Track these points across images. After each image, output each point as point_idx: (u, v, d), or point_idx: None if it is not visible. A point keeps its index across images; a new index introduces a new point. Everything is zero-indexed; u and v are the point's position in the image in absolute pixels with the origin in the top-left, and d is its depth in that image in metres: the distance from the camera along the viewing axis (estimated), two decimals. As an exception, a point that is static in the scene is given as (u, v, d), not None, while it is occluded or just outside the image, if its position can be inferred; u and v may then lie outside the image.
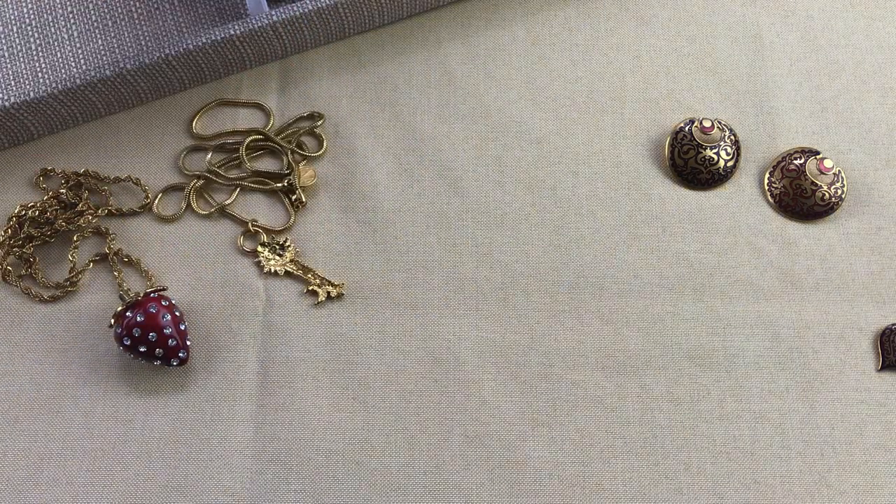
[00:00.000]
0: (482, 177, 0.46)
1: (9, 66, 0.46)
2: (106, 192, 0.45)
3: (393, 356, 0.43)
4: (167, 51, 0.44)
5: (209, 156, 0.46)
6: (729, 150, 0.46)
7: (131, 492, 0.40)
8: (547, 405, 0.42)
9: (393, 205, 0.46)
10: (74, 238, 0.44)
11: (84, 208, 0.45)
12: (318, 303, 0.43)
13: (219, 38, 0.44)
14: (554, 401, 0.42)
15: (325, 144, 0.46)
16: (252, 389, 0.42)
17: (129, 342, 0.40)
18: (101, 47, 0.47)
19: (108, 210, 0.45)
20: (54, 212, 0.44)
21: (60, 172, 0.45)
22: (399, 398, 0.42)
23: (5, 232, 0.44)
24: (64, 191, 0.45)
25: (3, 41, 0.47)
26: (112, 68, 0.44)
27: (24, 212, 0.44)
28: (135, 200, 0.45)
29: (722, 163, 0.46)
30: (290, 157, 0.46)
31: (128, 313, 0.41)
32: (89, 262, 0.44)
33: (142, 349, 0.40)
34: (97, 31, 0.47)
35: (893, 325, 0.43)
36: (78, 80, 0.43)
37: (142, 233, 0.45)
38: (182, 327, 0.41)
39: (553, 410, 0.42)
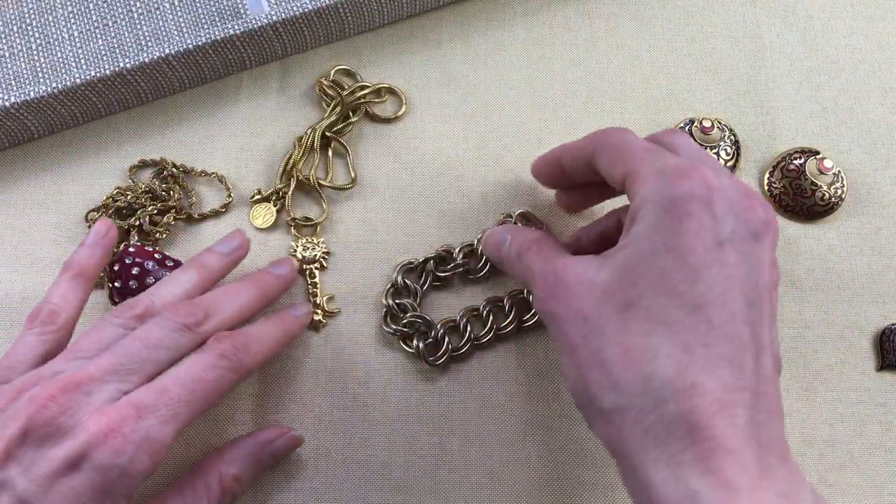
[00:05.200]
0: (482, 177, 0.46)
1: (9, 65, 0.47)
2: (192, 193, 0.45)
3: (393, 355, 0.43)
4: (167, 51, 0.44)
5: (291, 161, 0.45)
6: (729, 150, 0.46)
7: (131, 492, 0.40)
8: (547, 405, 0.42)
9: (393, 204, 0.46)
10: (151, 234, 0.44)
11: (173, 205, 0.44)
12: (316, 322, 0.43)
13: (219, 37, 0.44)
14: (554, 401, 0.42)
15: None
16: (252, 389, 0.42)
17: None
18: (101, 47, 0.47)
19: (188, 214, 0.45)
20: (142, 205, 0.44)
21: (159, 161, 0.45)
22: (399, 397, 0.42)
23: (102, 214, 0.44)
24: (157, 183, 0.45)
25: (3, 41, 0.47)
26: (112, 68, 0.44)
27: (118, 198, 0.44)
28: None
29: (722, 163, 0.46)
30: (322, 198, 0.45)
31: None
32: None
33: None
34: (97, 31, 0.47)
35: (893, 325, 0.43)
36: (78, 80, 0.43)
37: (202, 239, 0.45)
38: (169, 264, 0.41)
39: (553, 411, 0.42)
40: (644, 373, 0.29)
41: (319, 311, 0.43)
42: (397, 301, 0.43)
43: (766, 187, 0.46)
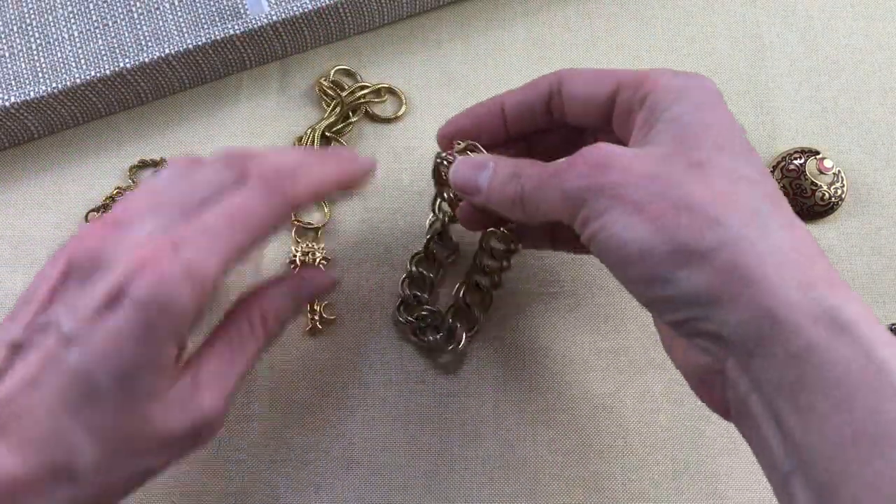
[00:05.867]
0: (482, 177, 0.46)
1: (9, 65, 0.47)
2: None
3: (393, 356, 0.43)
4: (167, 51, 0.44)
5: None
6: (729, 150, 0.46)
7: (131, 492, 0.40)
8: (547, 405, 0.42)
9: (394, 204, 0.46)
10: None
11: None
12: (308, 329, 0.43)
13: (219, 37, 0.44)
14: (554, 400, 0.42)
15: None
16: (252, 389, 0.42)
17: None
18: (101, 47, 0.47)
19: None
20: None
21: (159, 161, 0.46)
22: (399, 397, 0.42)
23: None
24: None
25: (3, 41, 0.47)
26: (112, 68, 0.44)
27: (118, 198, 0.45)
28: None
29: (722, 163, 0.46)
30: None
31: None
32: None
33: None
34: (97, 31, 0.47)
35: (893, 325, 0.43)
36: (78, 80, 0.43)
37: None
38: None
39: (553, 410, 0.42)
40: (748, 208, 0.28)
41: (316, 318, 0.43)
42: (414, 292, 0.43)
43: (766, 187, 0.46)
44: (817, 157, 0.45)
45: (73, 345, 0.28)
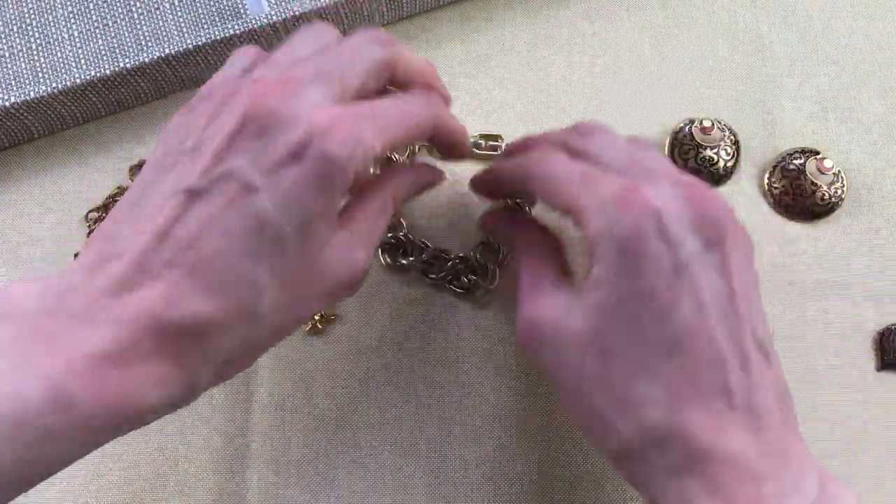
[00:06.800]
0: (482, 177, 0.46)
1: (9, 65, 0.47)
2: None
3: (392, 354, 0.43)
4: (167, 51, 0.44)
5: None
6: (729, 150, 0.46)
7: (130, 489, 0.40)
8: (547, 405, 0.42)
9: (393, 205, 0.46)
10: None
11: None
12: (309, 329, 0.43)
13: (219, 38, 0.44)
14: (554, 401, 0.42)
15: None
16: (252, 389, 0.42)
17: None
18: (101, 47, 0.47)
19: None
20: None
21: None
22: (398, 397, 0.42)
23: (98, 214, 0.45)
24: None
25: (3, 41, 0.47)
26: (112, 68, 0.44)
27: (118, 198, 0.45)
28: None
29: (722, 163, 0.46)
30: None
31: None
32: None
33: None
34: (97, 31, 0.47)
35: (893, 325, 0.43)
36: (78, 80, 0.43)
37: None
38: None
39: (553, 410, 0.42)
40: (638, 417, 0.30)
41: (317, 318, 0.43)
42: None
43: (766, 187, 0.46)
44: (817, 157, 0.45)
45: (257, 193, 0.29)
